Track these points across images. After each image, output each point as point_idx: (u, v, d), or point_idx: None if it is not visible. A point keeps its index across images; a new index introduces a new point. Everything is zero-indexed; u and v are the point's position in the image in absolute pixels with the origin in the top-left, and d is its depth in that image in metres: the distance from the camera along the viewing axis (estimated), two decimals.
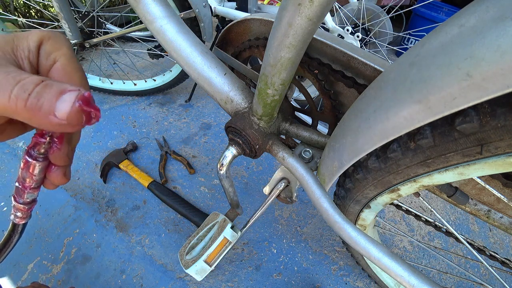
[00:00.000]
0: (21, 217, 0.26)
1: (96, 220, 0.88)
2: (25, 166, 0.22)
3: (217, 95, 0.46)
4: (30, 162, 0.22)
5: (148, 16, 0.42)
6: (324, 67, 0.40)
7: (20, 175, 0.23)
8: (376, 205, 0.47)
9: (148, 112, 1.30)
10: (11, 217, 0.26)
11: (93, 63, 1.54)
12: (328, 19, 1.16)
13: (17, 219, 0.26)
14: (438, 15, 1.85)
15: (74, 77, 0.22)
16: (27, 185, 0.23)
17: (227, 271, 0.80)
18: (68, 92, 0.18)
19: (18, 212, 0.26)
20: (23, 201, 0.25)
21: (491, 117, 0.22)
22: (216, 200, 0.97)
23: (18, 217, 0.26)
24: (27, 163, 0.22)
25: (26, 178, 0.23)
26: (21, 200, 0.24)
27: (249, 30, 0.50)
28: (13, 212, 0.26)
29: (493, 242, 0.96)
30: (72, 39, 1.01)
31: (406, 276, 0.33)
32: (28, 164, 0.22)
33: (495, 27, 0.17)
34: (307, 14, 0.25)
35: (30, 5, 1.46)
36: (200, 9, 0.91)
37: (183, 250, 0.59)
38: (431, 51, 0.22)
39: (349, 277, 0.82)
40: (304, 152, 0.48)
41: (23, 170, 0.22)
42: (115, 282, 0.75)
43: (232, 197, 0.58)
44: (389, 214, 1.00)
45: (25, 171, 0.22)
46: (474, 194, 0.46)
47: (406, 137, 0.32)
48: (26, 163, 0.22)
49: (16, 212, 0.26)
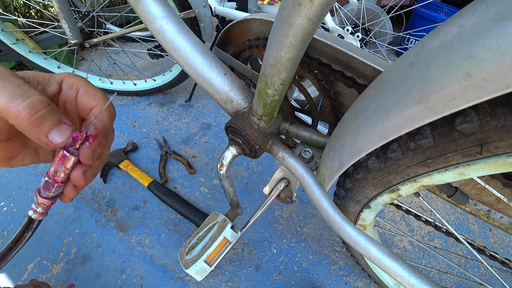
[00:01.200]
0: (41, 212, 0.27)
1: (96, 220, 0.88)
2: (61, 160, 0.24)
3: (217, 95, 0.46)
4: (68, 156, 0.24)
5: (148, 16, 0.42)
6: (324, 67, 0.40)
7: (53, 169, 0.25)
8: (376, 205, 0.47)
9: (148, 112, 1.30)
10: (30, 212, 0.27)
11: (93, 63, 1.54)
12: (328, 19, 1.16)
13: (36, 214, 0.27)
14: (438, 15, 1.85)
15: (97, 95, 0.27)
16: (59, 179, 0.25)
17: (227, 271, 0.80)
18: (64, 124, 0.23)
19: (39, 208, 0.27)
20: (48, 195, 0.26)
21: (491, 117, 0.22)
22: (216, 200, 0.97)
23: (38, 213, 0.27)
24: (64, 157, 0.24)
25: (58, 171, 0.25)
26: (47, 194, 0.26)
27: (249, 30, 0.50)
28: (34, 208, 0.27)
29: (493, 242, 0.96)
30: (72, 39, 1.01)
31: (406, 276, 0.33)
32: (65, 158, 0.24)
33: (495, 27, 0.17)
34: (307, 14, 0.25)
35: (30, 5, 1.46)
36: (200, 9, 0.91)
37: (183, 250, 0.59)
38: (431, 51, 0.22)
39: (349, 277, 0.82)
40: (304, 152, 0.48)
41: (58, 164, 0.25)
42: (115, 282, 0.75)
43: (232, 197, 0.58)
44: (389, 214, 1.00)
45: (60, 165, 0.25)
46: (474, 194, 0.46)
47: (406, 137, 0.32)
48: (63, 157, 0.24)
49: (37, 208, 0.27)
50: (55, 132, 0.22)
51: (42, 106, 0.21)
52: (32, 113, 0.21)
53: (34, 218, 0.27)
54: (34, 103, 0.21)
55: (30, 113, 0.21)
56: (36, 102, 0.21)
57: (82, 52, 1.67)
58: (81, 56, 1.65)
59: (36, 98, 0.21)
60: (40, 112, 0.21)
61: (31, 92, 0.21)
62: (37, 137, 0.22)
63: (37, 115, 0.21)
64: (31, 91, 0.21)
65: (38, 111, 0.21)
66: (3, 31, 1.06)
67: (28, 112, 0.21)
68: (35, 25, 1.11)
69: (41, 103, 0.21)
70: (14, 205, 0.89)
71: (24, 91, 0.21)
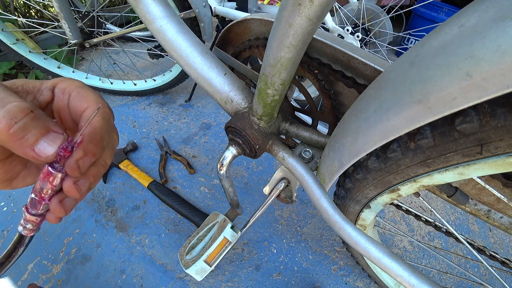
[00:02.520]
0: (31, 229, 0.26)
1: (96, 220, 0.88)
2: (46, 177, 0.22)
3: (217, 95, 0.46)
4: (53, 173, 0.21)
5: (148, 16, 0.42)
6: (324, 67, 0.40)
7: (38, 186, 0.22)
8: (376, 205, 0.47)
9: (148, 112, 1.30)
10: (19, 228, 0.26)
11: (93, 63, 1.54)
12: (328, 19, 1.16)
13: (26, 231, 0.26)
14: (438, 15, 1.85)
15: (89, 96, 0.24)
16: (46, 196, 0.23)
17: (227, 271, 0.80)
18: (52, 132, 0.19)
19: (29, 224, 0.25)
20: (36, 212, 0.24)
21: (491, 117, 0.22)
22: (216, 200, 0.97)
23: (28, 229, 0.26)
24: (49, 174, 0.22)
25: (44, 188, 0.22)
26: (35, 211, 0.24)
27: (249, 30, 0.50)
28: (23, 224, 0.25)
29: (493, 242, 0.96)
30: (72, 39, 1.01)
31: (406, 276, 0.33)
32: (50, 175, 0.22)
33: (495, 27, 0.17)
34: (307, 14, 0.25)
35: (30, 5, 1.46)
36: (200, 9, 0.91)
37: (183, 250, 0.59)
38: (431, 51, 0.22)
39: (349, 277, 0.82)
40: (304, 152, 0.48)
41: (43, 181, 0.22)
42: (115, 282, 0.75)
43: (232, 197, 0.58)
44: (389, 214, 1.00)
45: (46, 182, 0.22)
46: (474, 194, 0.46)
47: (406, 137, 0.32)
48: (48, 174, 0.22)
49: (26, 224, 0.25)
50: (43, 144, 0.19)
51: (22, 114, 0.18)
52: (11, 123, 0.18)
53: (24, 234, 0.26)
54: (12, 111, 0.18)
55: (9, 124, 0.18)
56: (14, 110, 0.18)
57: (82, 52, 1.67)
58: (81, 56, 1.65)
59: (14, 106, 0.18)
60: (21, 122, 0.18)
61: (8, 99, 0.18)
62: (22, 151, 0.19)
63: (17, 125, 0.18)
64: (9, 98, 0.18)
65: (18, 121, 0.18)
66: (3, 31, 1.06)
67: (6, 123, 0.17)
68: (35, 25, 1.11)
69: (21, 111, 0.18)
70: (14, 205, 0.89)
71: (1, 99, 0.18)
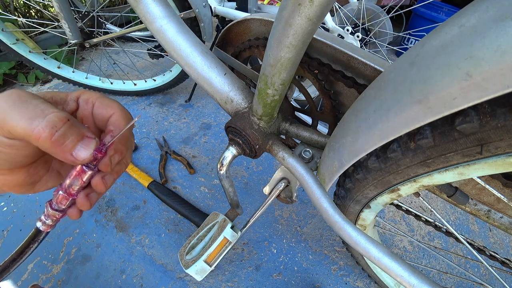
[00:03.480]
0: (50, 224, 0.26)
1: (96, 220, 0.88)
2: (78, 175, 0.24)
3: (217, 95, 0.46)
4: (86, 171, 0.24)
5: (148, 16, 0.42)
6: (324, 67, 0.40)
7: (68, 182, 0.24)
8: (376, 205, 0.47)
9: (148, 112, 1.30)
10: (38, 224, 0.26)
11: (93, 63, 1.54)
12: (328, 19, 1.16)
13: (44, 226, 0.26)
14: (438, 15, 1.85)
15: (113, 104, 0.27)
16: (73, 192, 0.25)
17: (227, 271, 0.80)
18: (86, 138, 0.23)
19: (49, 220, 0.26)
20: (59, 207, 0.25)
21: (491, 117, 0.22)
22: (216, 200, 0.97)
23: (46, 224, 0.26)
24: (82, 172, 0.24)
25: (74, 185, 0.24)
26: (59, 207, 0.25)
27: (249, 30, 0.50)
28: (43, 219, 0.26)
29: (493, 242, 0.96)
30: (72, 39, 1.01)
31: (406, 276, 0.33)
32: (83, 173, 0.24)
33: (495, 27, 0.17)
34: (307, 14, 0.25)
35: (30, 5, 1.46)
36: (200, 9, 0.91)
37: (183, 250, 0.59)
38: (431, 51, 0.22)
39: (349, 277, 0.82)
40: (304, 152, 0.48)
41: (75, 178, 0.24)
42: (115, 282, 0.75)
43: (232, 197, 0.58)
44: (389, 214, 1.00)
45: (77, 179, 0.24)
46: (474, 194, 0.46)
47: (406, 137, 0.31)
48: (81, 172, 0.24)
49: (46, 219, 0.26)
50: (79, 148, 0.22)
51: (61, 123, 0.21)
52: (52, 132, 0.20)
53: (42, 230, 0.27)
54: (53, 121, 0.21)
55: (51, 132, 0.20)
56: (55, 119, 0.21)
57: (82, 52, 1.67)
58: (81, 56, 1.65)
59: (54, 115, 0.21)
60: (61, 130, 0.21)
61: (48, 110, 0.21)
62: (62, 156, 0.22)
63: (58, 133, 0.21)
64: (48, 109, 0.21)
65: (58, 129, 0.21)
66: (3, 31, 1.06)
67: (49, 132, 0.20)
68: (35, 25, 1.11)
69: (60, 120, 0.21)
70: (14, 205, 0.89)
71: (42, 110, 0.21)
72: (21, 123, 0.20)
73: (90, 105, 0.27)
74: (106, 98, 0.27)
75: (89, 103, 0.27)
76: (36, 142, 0.20)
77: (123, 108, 0.28)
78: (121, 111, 0.27)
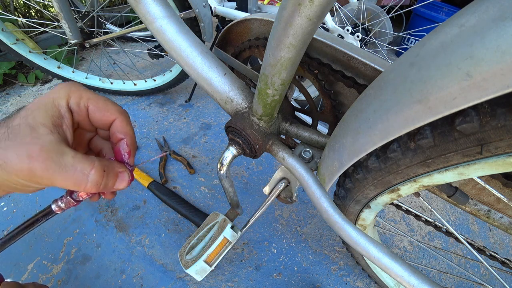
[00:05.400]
0: (62, 208, 0.30)
1: (96, 220, 0.88)
2: None
3: (217, 95, 0.46)
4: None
5: (148, 16, 0.42)
6: (324, 67, 0.40)
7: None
8: (376, 205, 0.47)
9: (148, 112, 1.30)
10: (53, 206, 0.30)
11: (93, 63, 1.54)
12: (328, 19, 1.16)
13: (57, 208, 0.30)
14: (438, 15, 1.85)
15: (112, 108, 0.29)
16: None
17: (227, 271, 0.80)
18: (121, 174, 0.27)
19: (63, 204, 0.29)
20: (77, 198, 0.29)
21: (491, 117, 0.22)
22: (216, 200, 0.97)
23: (60, 208, 0.30)
24: None
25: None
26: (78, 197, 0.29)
27: (249, 30, 0.50)
28: (59, 203, 0.29)
29: (493, 242, 0.96)
30: (72, 39, 1.00)
31: (406, 276, 0.33)
32: None
33: (495, 27, 0.17)
34: (307, 14, 0.25)
35: (30, 5, 1.46)
36: (200, 9, 0.91)
37: (183, 250, 0.59)
38: (431, 51, 0.22)
39: (349, 277, 0.82)
40: (304, 152, 0.48)
41: None
42: (115, 282, 0.75)
43: (232, 197, 0.58)
44: (389, 214, 1.00)
45: None
46: (474, 194, 0.46)
47: (406, 137, 0.31)
48: None
49: (61, 203, 0.29)
50: (118, 184, 0.27)
51: (101, 178, 0.25)
52: (98, 187, 0.25)
53: (54, 210, 0.30)
54: (96, 181, 0.25)
55: (97, 188, 0.25)
56: (97, 179, 0.25)
57: (82, 52, 1.67)
58: (81, 56, 1.65)
59: (95, 176, 0.25)
60: (102, 183, 0.25)
61: (87, 170, 0.24)
62: (109, 197, 0.29)
63: (101, 186, 0.25)
64: (86, 168, 0.24)
65: (100, 184, 0.25)
66: (3, 31, 1.06)
67: (95, 189, 0.25)
68: (35, 25, 1.11)
69: (100, 176, 0.25)
70: (14, 205, 0.89)
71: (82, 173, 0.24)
72: (70, 185, 0.24)
73: (84, 109, 0.28)
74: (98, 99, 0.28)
75: (82, 107, 0.27)
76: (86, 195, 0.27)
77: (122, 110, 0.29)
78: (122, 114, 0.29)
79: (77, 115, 0.28)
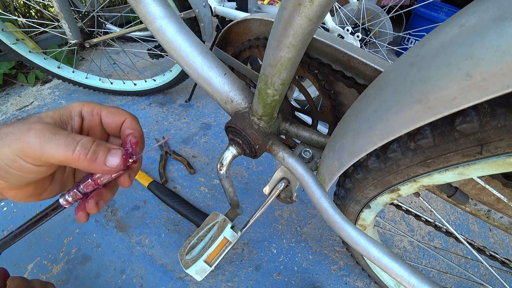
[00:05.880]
0: (69, 202, 0.30)
1: (96, 220, 0.88)
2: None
3: (217, 95, 0.46)
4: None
5: (148, 16, 0.42)
6: (324, 67, 0.40)
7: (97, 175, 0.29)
8: (376, 205, 0.47)
9: (148, 112, 1.30)
10: (60, 200, 0.30)
11: (93, 63, 1.54)
12: (328, 19, 1.16)
13: (64, 202, 0.30)
14: (438, 15, 1.85)
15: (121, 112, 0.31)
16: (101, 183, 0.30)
17: (227, 271, 0.80)
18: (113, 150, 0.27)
19: (70, 198, 0.30)
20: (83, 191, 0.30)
21: (491, 117, 0.22)
22: (216, 200, 0.97)
23: (67, 201, 0.30)
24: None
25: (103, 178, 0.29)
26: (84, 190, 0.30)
27: (249, 30, 0.50)
28: (66, 197, 0.30)
29: (493, 242, 0.96)
30: (72, 39, 1.01)
31: (406, 276, 0.33)
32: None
33: (495, 27, 0.17)
34: (307, 14, 0.25)
35: (30, 5, 1.46)
36: (200, 9, 0.91)
37: (183, 250, 0.59)
38: (431, 51, 0.22)
39: (349, 277, 0.82)
40: (304, 152, 0.48)
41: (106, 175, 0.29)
42: (115, 282, 0.75)
43: (232, 197, 0.58)
44: (389, 214, 1.00)
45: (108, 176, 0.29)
46: (474, 194, 0.46)
47: (406, 137, 0.31)
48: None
49: (68, 197, 0.30)
50: (109, 158, 0.27)
51: (90, 143, 0.26)
52: (86, 152, 0.25)
53: (62, 204, 0.30)
54: (85, 144, 0.25)
55: (85, 153, 0.25)
56: (85, 142, 0.25)
57: (82, 52, 1.67)
58: (81, 56, 1.65)
59: (84, 139, 0.25)
60: (92, 149, 0.25)
61: (78, 137, 0.25)
62: (100, 169, 0.26)
63: (90, 151, 0.25)
64: (78, 136, 0.25)
65: (89, 149, 0.25)
66: (3, 31, 1.06)
67: (84, 153, 0.25)
68: (35, 25, 1.11)
69: (89, 142, 0.26)
70: (14, 205, 0.89)
71: (73, 138, 0.25)
72: (60, 151, 0.24)
73: (97, 116, 0.30)
74: (110, 107, 0.31)
75: (95, 114, 0.30)
76: (76, 164, 0.25)
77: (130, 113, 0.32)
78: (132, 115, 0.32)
79: (89, 121, 0.30)
